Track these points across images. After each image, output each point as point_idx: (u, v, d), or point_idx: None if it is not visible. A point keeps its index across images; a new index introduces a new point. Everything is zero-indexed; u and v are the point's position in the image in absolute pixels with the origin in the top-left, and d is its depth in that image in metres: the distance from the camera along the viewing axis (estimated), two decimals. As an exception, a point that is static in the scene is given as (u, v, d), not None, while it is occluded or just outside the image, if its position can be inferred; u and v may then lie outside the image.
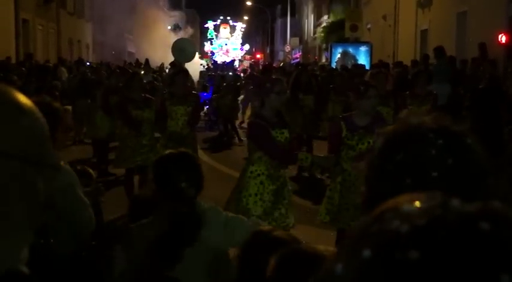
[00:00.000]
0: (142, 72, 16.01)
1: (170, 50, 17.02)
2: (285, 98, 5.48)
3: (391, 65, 17.04)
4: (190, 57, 16.77)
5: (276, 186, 5.08)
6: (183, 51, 16.12)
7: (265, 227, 2.58)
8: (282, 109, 5.31)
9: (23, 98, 0.98)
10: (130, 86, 7.83)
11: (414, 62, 15.37)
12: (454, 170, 1.04)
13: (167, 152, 3.05)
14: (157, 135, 7.86)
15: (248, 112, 17.15)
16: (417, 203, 0.58)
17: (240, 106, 16.35)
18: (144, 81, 10.46)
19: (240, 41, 34.09)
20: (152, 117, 7.48)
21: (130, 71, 11.11)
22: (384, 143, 1.12)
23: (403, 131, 1.11)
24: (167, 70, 24.95)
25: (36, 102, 1.02)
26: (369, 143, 5.00)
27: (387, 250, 0.54)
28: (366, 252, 0.55)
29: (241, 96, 16.94)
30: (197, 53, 20.95)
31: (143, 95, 7.74)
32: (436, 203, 0.57)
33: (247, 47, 37.25)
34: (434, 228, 0.54)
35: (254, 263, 1.99)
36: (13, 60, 18.01)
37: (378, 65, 15.83)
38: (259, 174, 5.03)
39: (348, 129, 5.13)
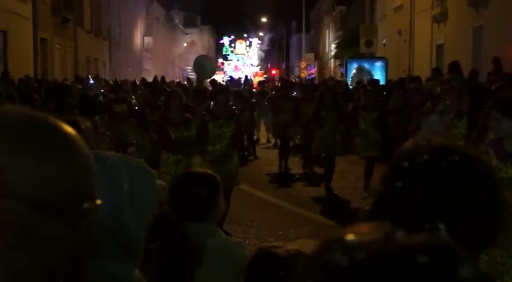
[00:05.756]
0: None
1: (185, 67, 17.09)
2: (449, 120, 4.34)
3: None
4: (210, 74, 16.90)
5: None
6: (202, 68, 16.20)
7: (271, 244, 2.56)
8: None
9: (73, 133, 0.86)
10: (169, 106, 7.15)
11: (428, 79, 15.18)
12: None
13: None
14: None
15: (262, 128, 17.15)
16: (361, 235, 0.57)
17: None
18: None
19: (256, 56, 34.28)
20: (192, 139, 7.01)
21: (168, 90, 10.32)
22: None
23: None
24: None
25: (66, 121, 0.95)
26: None
27: None
28: None
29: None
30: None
31: (183, 114, 7.20)
32: (379, 236, 0.57)
33: (255, 62, 37.29)
34: (373, 262, 0.53)
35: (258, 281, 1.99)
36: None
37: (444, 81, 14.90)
38: None
39: (499, 158, 4.03)
